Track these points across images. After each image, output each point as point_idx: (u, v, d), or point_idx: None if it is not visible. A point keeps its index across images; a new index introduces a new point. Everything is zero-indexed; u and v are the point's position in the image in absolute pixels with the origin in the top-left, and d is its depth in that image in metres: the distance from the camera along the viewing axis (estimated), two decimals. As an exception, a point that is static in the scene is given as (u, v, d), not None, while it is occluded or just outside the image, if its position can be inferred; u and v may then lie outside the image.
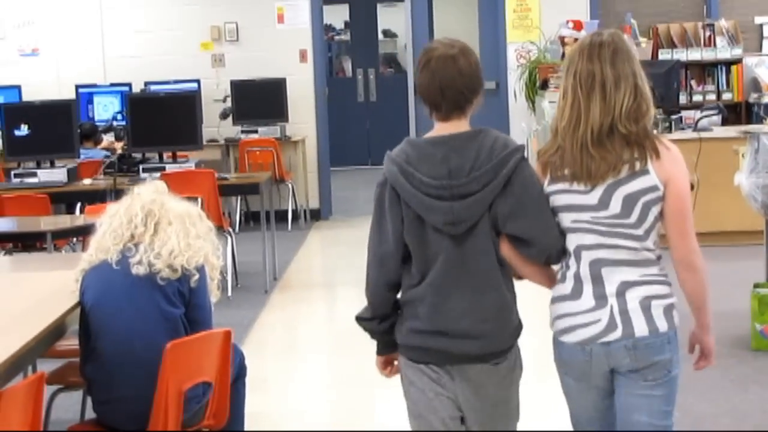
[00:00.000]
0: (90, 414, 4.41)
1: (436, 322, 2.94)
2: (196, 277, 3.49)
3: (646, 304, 3.02)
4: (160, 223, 3.52)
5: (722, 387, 5.06)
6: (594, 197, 2.95)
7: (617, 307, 2.98)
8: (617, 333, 2.97)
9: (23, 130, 7.75)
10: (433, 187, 2.88)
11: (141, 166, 7.80)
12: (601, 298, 2.98)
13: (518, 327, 3.12)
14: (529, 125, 10.17)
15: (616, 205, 2.95)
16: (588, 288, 3.00)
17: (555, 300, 3.12)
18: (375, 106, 15.29)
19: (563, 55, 9.66)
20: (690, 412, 4.72)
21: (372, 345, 3.23)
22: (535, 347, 3.66)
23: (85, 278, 3.53)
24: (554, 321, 3.14)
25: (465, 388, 2.99)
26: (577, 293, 3.02)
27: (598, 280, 2.98)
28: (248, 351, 5.90)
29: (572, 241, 3.01)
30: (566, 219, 2.99)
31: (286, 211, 10.41)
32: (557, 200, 3.00)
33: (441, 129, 3.01)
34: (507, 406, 3.10)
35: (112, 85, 10.70)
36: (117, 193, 7.58)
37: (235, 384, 3.67)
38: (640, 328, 3.00)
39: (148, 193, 3.57)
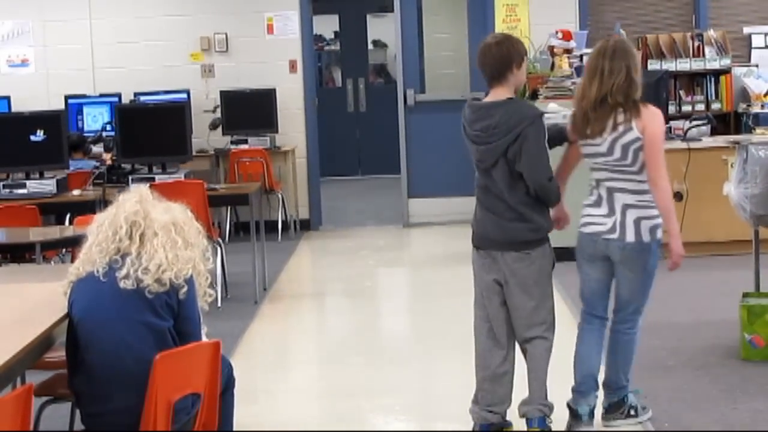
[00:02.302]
0: (79, 426, 4.39)
1: (477, 224, 4.61)
2: (185, 289, 3.48)
3: (637, 222, 4.49)
4: (146, 234, 3.49)
5: (711, 397, 5.07)
6: (603, 147, 4.47)
7: (619, 220, 4.51)
8: (615, 235, 4.51)
9: (12, 141, 7.74)
10: (472, 136, 4.42)
11: (130, 177, 7.80)
12: (611, 211, 4.53)
13: (540, 230, 4.51)
14: (518, 135, 10.18)
15: (617, 151, 4.44)
16: (604, 203, 4.55)
17: (585, 206, 4.65)
18: (365, 116, 15.30)
19: (553, 65, 9.69)
20: (679, 421, 4.72)
21: (363, 355, 3.22)
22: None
23: (73, 291, 3.52)
24: (581, 218, 4.67)
25: (503, 267, 4.51)
26: (597, 204, 4.59)
27: (610, 200, 4.53)
28: (238, 362, 5.89)
29: (594, 176, 4.61)
30: (589, 162, 4.59)
31: (276, 222, 10.41)
32: (584, 150, 4.60)
33: (489, 96, 4.48)
34: (536, 285, 4.53)
35: (102, 95, 10.70)
36: (106, 204, 7.55)
37: (223, 395, 3.66)
38: (630, 237, 4.50)
39: (131, 203, 3.54)
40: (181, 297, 3.47)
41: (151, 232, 3.49)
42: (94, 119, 10.46)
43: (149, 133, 7.89)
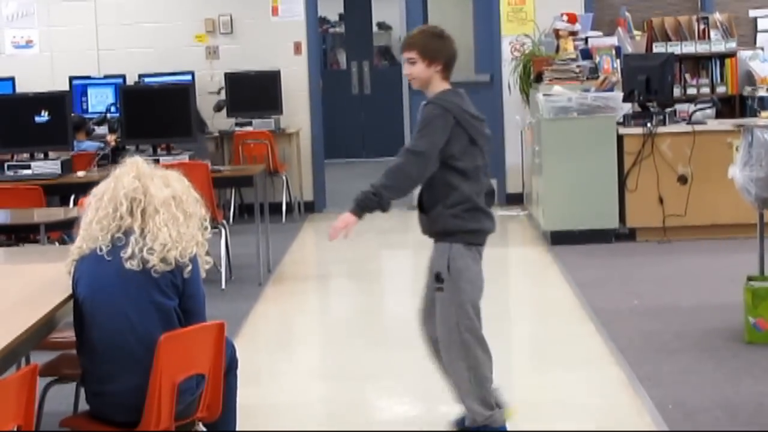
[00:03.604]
0: (83, 406, 4.40)
1: (489, 218, 4.35)
2: (189, 268, 3.47)
3: None
4: (147, 211, 3.47)
5: (715, 380, 5.07)
6: None
7: None
8: None
9: (17, 122, 7.73)
10: (478, 120, 4.25)
11: (135, 159, 7.77)
12: None
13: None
14: (523, 118, 10.16)
15: None
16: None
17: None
18: (369, 99, 15.27)
19: (558, 48, 9.66)
20: (683, 405, 4.72)
21: (366, 337, 3.22)
22: (532, 339, 3.65)
23: (77, 269, 3.51)
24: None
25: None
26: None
27: None
28: (242, 343, 5.90)
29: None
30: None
31: (280, 204, 10.40)
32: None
33: (447, 84, 4.22)
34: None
35: (106, 77, 10.68)
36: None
37: (226, 376, 3.66)
38: None
39: (129, 179, 3.50)
40: (186, 275, 3.46)
41: (152, 208, 3.47)
42: (99, 100, 10.44)
43: (153, 115, 7.88)
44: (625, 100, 8.64)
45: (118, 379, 3.40)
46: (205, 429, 3.65)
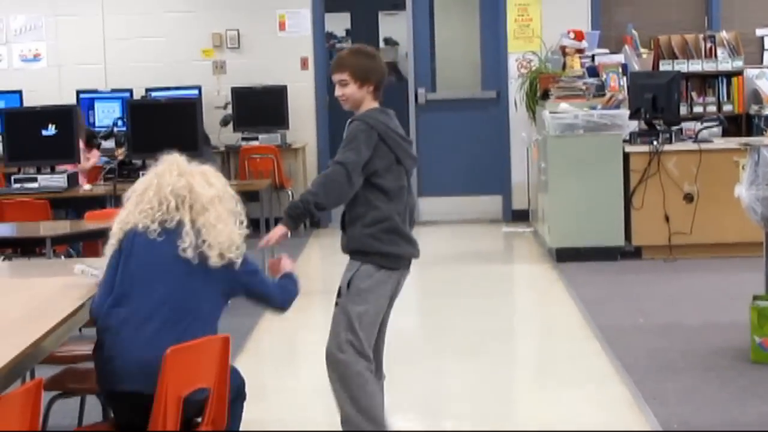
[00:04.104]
0: (88, 419, 4.40)
1: (409, 240, 4.31)
2: (240, 262, 3.62)
3: None
4: (194, 207, 3.60)
5: (721, 399, 5.06)
6: None
7: None
8: None
9: (24, 135, 7.75)
10: (404, 140, 4.21)
11: (141, 173, 7.78)
12: None
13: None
14: (529, 135, 10.17)
15: None
16: None
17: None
18: (375, 115, 15.27)
19: (564, 65, 9.67)
20: (688, 424, 4.71)
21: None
22: (537, 356, 3.64)
23: (130, 240, 3.57)
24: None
25: (400, 283, 4.32)
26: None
27: None
28: (246, 358, 5.90)
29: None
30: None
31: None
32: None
33: (377, 104, 4.20)
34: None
35: (113, 91, 10.71)
36: (117, 200, 7.57)
37: (232, 404, 3.66)
38: None
39: (174, 177, 3.63)
40: (240, 269, 3.63)
41: (200, 206, 3.60)
42: (106, 114, 10.47)
43: (160, 129, 7.90)
44: (631, 117, 8.65)
45: (146, 344, 3.43)
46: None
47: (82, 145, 8.20)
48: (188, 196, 3.61)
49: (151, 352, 3.36)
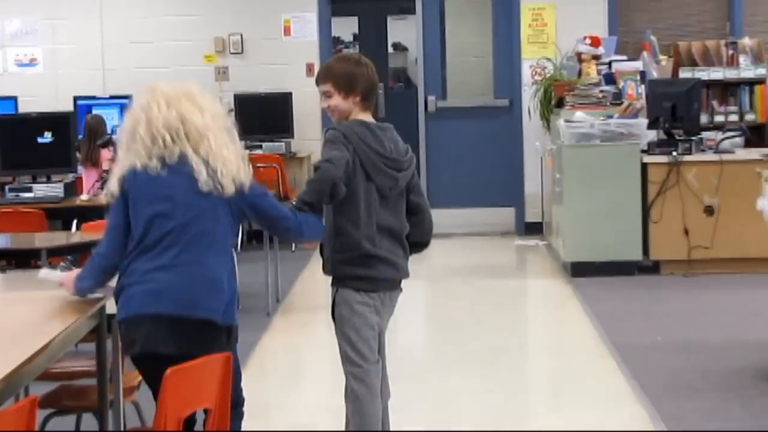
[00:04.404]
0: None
1: (376, 264, 4.17)
2: (248, 185, 3.72)
3: None
4: (191, 136, 3.65)
5: (742, 421, 5.04)
6: None
7: None
8: None
9: (19, 143, 7.76)
10: (383, 157, 4.04)
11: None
12: None
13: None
14: (543, 144, 10.17)
15: None
16: None
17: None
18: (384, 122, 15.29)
19: (580, 72, 9.68)
20: (708, 446, 4.70)
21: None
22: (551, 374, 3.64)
23: (131, 178, 3.64)
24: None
25: (388, 310, 4.30)
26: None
27: None
28: (249, 375, 5.89)
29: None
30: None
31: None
32: None
33: (367, 116, 4.13)
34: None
35: (112, 97, 10.72)
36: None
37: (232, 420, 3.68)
38: None
39: (163, 108, 3.67)
40: (249, 193, 3.71)
41: (196, 134, 3.66)
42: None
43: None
44: (649, 127, 8.64)
45: (166, 269, 3.58)
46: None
47: (107, 154, 8.15)
48: (182, 127, 3.65)
49: (173, 275, 3.55)
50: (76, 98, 10.65)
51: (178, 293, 3.58)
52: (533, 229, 10.65)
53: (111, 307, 4.01)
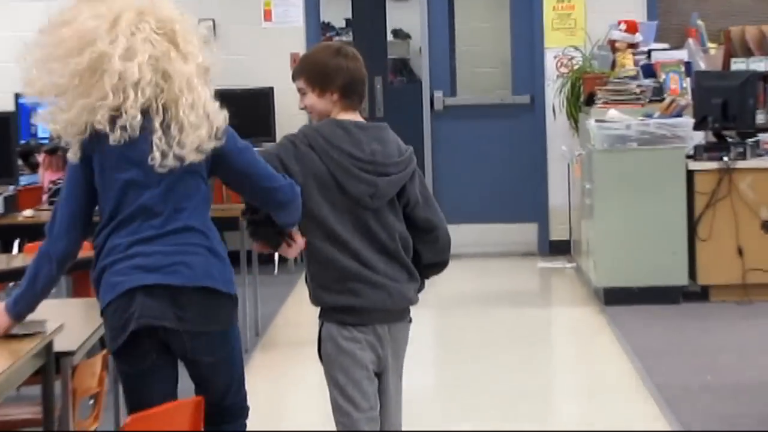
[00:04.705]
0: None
1: (353, 290, 4.11)
2: (223, 141, 3.79)
3: None
4: (167, 99, 3.73)
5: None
6: None
7: None
8: None
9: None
10: (359, 161, 3.99)
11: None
12: None
13: (418, 286, 4.22)
14: (570, 148, 10.18)
15: None
16: None
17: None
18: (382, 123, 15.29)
19: (614, 63, 9.69)
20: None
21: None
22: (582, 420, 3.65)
23: (95, 144, 3.69)
24: None
25: (385, 345, 4.14)
26: None
27: None
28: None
29: None
30: None
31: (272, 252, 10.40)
32: None
33: (351, 116, 4.11)
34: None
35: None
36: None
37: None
38: None
39: (139, 52, 3.70)
40: (223, 148, 3.80)
41: (174, 94, 3.73)
42: (51, 123, 10.46)
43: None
44: (696, 127, 8.65)
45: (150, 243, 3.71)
46: None
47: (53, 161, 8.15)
48: (160, 85, 3.73)
49: (162, 245, 3.68)
50: (17, 96, 10.64)
51: (173, 262, 3.68)
52: (559, 248, 10.65)
53: (60, 343, 4.00)
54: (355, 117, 4.11)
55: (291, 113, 10.82)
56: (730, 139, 8.69)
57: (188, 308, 3.69)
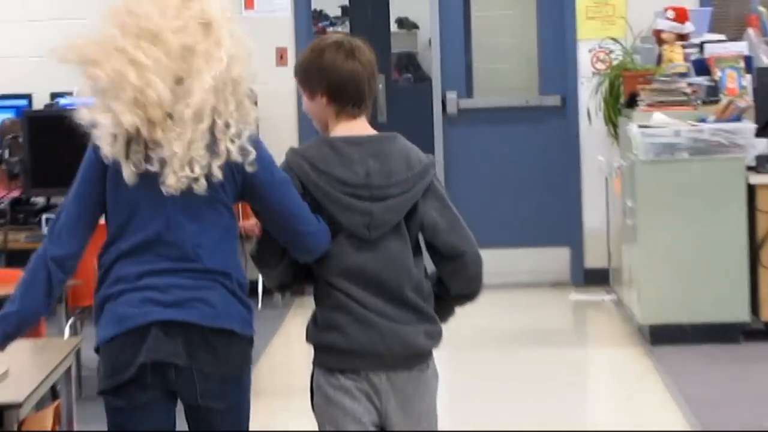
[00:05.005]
0: None
1: (341, 332, 4.13)
2: (252, 155, 3.88)
3: None
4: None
5: None
6: None
7: None
8: None
9: None
10: (351, 186, 3.98)
11: (44, 216, 7.81)
12: None
13: (438, 330, 4.17)
14: (609, 159, 10.18)
15: None
16: None
17: None
18: (385, 130, 15.27)
19: (660, 57, 9.69)
20: None
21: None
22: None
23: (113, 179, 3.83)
24: None
25: (386, 398, 4.11)
26: None
27: None
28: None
29: None
30: None
31: (255, 282, 10.38)
32: None
33: (350, 128, 4.11)
34: (430, 419, 4.21)
35: (3, 97, 10.70)
36: (9, 256, 7.56)
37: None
38: None
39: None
40: (249, 170, 3.87)
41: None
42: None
43: (71, 153, 7.90)
44: (758, 134, 8.65)
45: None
46: None
47: None
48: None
49: (176, 278, 3.82)
50: (53, 95, 10.61)
51: (191, 297, 3.82)
52: (596, 277, 10.65)
53: (4, 393, 4.00)
54: (353, 127, 4.12)
55: (277, 117, 10.86)
56: (796, 151, 8.70)
57: (203, 348, 3.84)
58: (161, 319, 3.78)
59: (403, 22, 15.81)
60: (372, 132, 4.19)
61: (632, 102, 9.39)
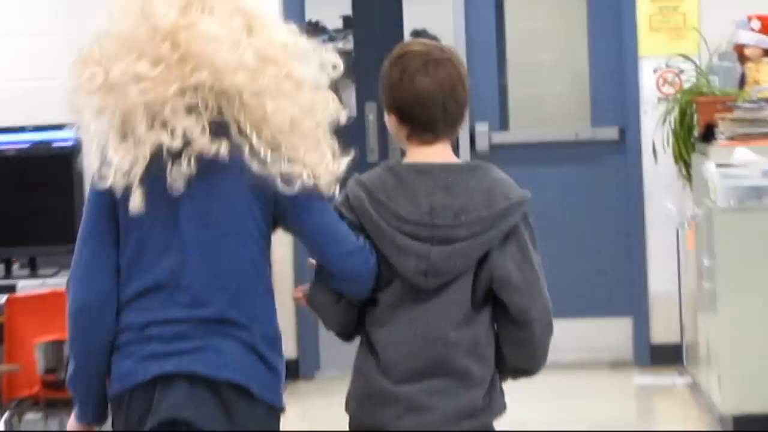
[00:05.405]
0: None
1: (384, 394, 4.17)
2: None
3: None
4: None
5: None
6: None
7: None
8: None
9: None
10: (409, 223, 4.05)
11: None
12: None
13: (498, 400, 4.28)
14: (680, 206, 10.20)
15: None
16: None
17: None
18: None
19: (742, 79, 9.73)
20: None
21: None
22: None
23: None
24: None
25: None
26: None
27: None
28: None
29: None
30: None
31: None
32: None
33: (422, 154, 4.20)
34: None
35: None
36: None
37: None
38: None
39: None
40: (287, 197, 3.96)
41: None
42: None
43: (17, 202, 7.98)
44: None
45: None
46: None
47: None
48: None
49: (189, 327, 3.93)
50: None
51: (198, 346, 3.93)
52: (665, 355, 10.67)
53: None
54: (427, 154, 4.18)
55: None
56: None
57: (212, 404, 3.91)
58: (163, 373, 3.88)
59: (420, 35, 15.88)
60: (453, 160, 4.23)
61: (709, 135, 9.42)
